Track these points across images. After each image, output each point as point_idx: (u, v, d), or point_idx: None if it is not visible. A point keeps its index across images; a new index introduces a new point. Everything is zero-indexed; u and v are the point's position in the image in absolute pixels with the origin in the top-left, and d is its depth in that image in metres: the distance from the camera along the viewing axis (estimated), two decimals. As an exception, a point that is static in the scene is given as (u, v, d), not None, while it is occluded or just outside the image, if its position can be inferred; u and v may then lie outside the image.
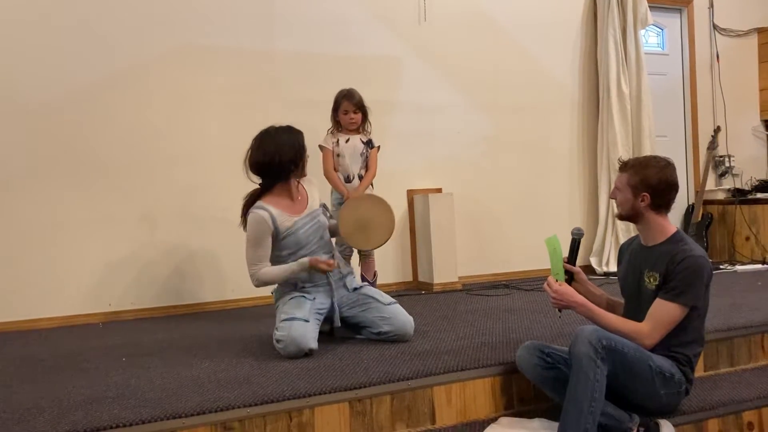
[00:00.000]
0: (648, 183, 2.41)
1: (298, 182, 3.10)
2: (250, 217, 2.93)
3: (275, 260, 3.02)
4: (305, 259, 2.92)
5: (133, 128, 4.10)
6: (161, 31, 4.16)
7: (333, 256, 3.08)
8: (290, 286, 3.03)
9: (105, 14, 4.04)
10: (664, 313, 2.34)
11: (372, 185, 4.02)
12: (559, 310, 2.52)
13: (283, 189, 3.01)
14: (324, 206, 3.19)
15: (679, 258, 2.34)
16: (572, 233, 2.57)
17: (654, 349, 2.36)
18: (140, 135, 4.12)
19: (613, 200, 2.56)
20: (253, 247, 2.93)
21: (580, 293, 2.48)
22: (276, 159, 2.94)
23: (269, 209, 2.94)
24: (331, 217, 3.25)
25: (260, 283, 2.96)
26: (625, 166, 2.49)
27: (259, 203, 2.97)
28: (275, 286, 3.12)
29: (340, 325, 3.05)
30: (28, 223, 3.88)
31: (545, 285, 2.48)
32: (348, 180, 3.89)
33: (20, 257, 3.86)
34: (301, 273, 2.95)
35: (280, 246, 2.99)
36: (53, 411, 2.21)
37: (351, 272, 3.20)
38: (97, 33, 4.03)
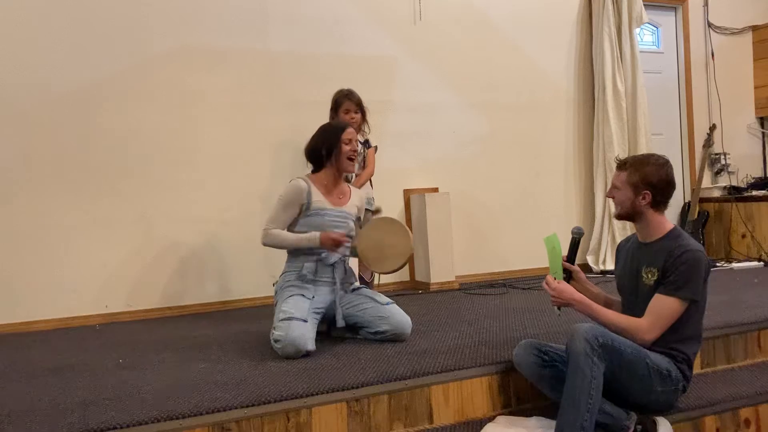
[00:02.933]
0: (648, 181, 2.41)
1: (348, 186, 3.27)
2: (290, 183, 3.14)
3: None
4: (317, 233, 2.99)
5: (129, 130, 4.09)
6: (157, 33, 4.15)
7: (344, 261, 3.13)
8: (294, 275, 3.05)
9: (101, 16, 4.03)
10: (663, 307, 2.35)
11: (372, 185, 4.03)
12: (558, 308, 2.53)
13: (329, 178, 3.16)
14: (359, 220, 3.27)
15: (677, 252, 2.35)
16: (572, 232, 2.57)
17: (651, 347, 2.36)
18: (136, 136, 4.11)
19: (610, 199, 2.56)
20: (278, 208, 3.09)
21: (578, 291, 2.48)
22: (313, 145, 3.17)
23: (309, 183, 3.11)
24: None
25: (268, 240, 3.07)
26: (623, 165, 2.49)
27: (304, 176, 3.16)
28: (277, 278, 3.14)
29: (343, 324, 3.05)
30: (24, 225, 3.87)
31: (544, 283, 2.49)
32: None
33: (17, 259, 3.85)
34: (308, 244, 3.00)
35: (304, 221, 3.07)
36: (50, 413, 2.20)
37: (354, 280, 3.22)
38: (93, 34, 4.02)
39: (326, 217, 3.07)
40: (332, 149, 3.11)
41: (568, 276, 2.55)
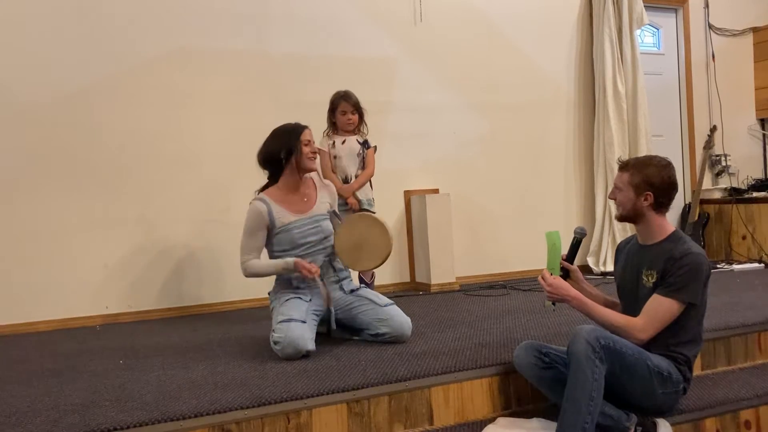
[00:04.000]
0: (650, 181, 2.41)
1: (312, 181, 3.14)
2: (249, 207, 3.02)
3: (270, 255, 3.08)
4: (291, 259, 2.95)
5: (129, 130, 4.09)
6: (156, 33, 4.16)
7: (331, 261, 3.09)
8: (286, 285, 3.03)
9: (99, 16, 4.03)
10: (660, 308, 2.35)
11: (371, 186, 4.03)
12: (553, 303, 2.52)
13: (289, 184, 3.06)
14: (334, 213, 3.19)
15: (678, 255, 2.35)
16: (575, 231, 2.57)
17: (652, 349, 2.36)
18: (136, 137, 4.11)
19: (612, 201, 2.56)
20: (246, 236, 3.01)
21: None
22: (270, 149, 3.03)
23: (268, 203, 3.00)
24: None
25: (248, 273, 3.02)
26: (626, 166, 2.49)
27: (261, 195, 3.04)
28: (272, 286, 3.12)
29: (335, 328, 3.04)
30: (24, 226, 3.87)
31: (540, 278, 2.49)
32: (346, 181, 3.90)
33: (17, 260, 3.85)
34: (286, 272, 2.97)
35: (274, 241, 3.02)
36: (50, 414, 2.20)
37: (348, 276, 3.19)
38: (92, 35, 4.02)
39: (294, 230, 2.99)
40: (292, 151, 2.99)
41: (565, 274, 2.55)
